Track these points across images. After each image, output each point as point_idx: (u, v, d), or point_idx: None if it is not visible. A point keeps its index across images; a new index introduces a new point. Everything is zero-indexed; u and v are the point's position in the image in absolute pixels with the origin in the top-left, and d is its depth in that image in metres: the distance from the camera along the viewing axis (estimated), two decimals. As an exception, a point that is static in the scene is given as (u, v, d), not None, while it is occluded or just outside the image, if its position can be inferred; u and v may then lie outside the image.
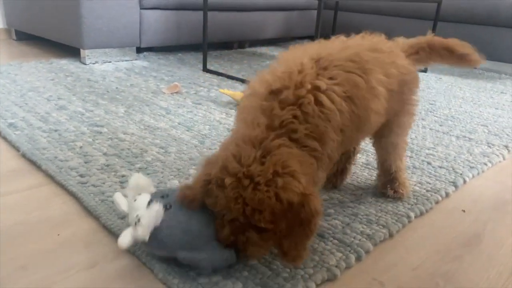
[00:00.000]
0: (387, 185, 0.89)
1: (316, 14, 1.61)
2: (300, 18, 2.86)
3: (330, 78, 0.63)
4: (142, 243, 0.62)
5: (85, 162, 0.94)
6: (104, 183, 0.86)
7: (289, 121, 0.60)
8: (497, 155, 1.15)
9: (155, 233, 0.60)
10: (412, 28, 2.60)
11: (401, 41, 0.85)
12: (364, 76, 0.66)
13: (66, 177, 0.87)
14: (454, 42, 0.84)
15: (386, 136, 0.85)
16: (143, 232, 0.59)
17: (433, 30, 2.18)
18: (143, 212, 0.60)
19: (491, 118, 1.51)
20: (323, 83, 0.62)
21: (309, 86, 0.62)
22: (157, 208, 0.60)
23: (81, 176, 0.88)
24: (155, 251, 0.63)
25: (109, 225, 0.72)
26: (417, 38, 0.86)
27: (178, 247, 0.61)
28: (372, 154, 1.09)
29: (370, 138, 0.89)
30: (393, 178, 0.89)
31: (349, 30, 0.85)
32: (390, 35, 0.83)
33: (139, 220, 0.59)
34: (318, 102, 0.61)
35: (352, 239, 0.73)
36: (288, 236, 0.58)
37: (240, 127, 0.65)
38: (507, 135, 1.33)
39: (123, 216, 0.73)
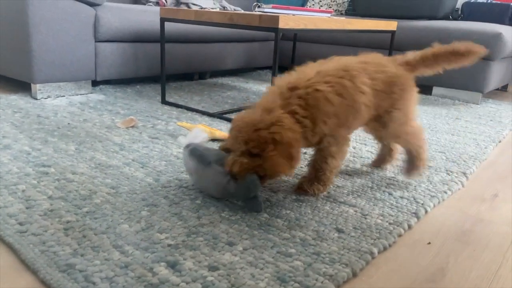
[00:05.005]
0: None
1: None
2: (261, 49, 2.89)
3: (326, 83, 0.93)
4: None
5: (27, 208, 0.87)
6: (46, 231, 0.78)
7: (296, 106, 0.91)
8: (456, 183, 1.16)
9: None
10: (368, 57, 2.66)
11: (409, 54, 1.07)
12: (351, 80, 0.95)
13: (3, 226, 0.79)
14: (454, 45, 1.04)
15: (383, 128, 1.06)
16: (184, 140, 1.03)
17: (389, 59, 2.23)
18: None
19: (448, 144, 1.53)
20: (321, 87, 0.92)
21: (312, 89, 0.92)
22: (196, 130, 1.04)
23: (21, 224, 0.80)
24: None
25: (48, 280, 0.65)
26: (424, 50, 1.05)
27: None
28: (333, 187, 1.07)
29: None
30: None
31: (308, 59, 1.02)
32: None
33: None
34: (316, 98, 0.91)
35: (314, 281, 0.69)
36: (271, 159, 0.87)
37: (262, 101, 0.93)
38: (464, 161, 1.35)
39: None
